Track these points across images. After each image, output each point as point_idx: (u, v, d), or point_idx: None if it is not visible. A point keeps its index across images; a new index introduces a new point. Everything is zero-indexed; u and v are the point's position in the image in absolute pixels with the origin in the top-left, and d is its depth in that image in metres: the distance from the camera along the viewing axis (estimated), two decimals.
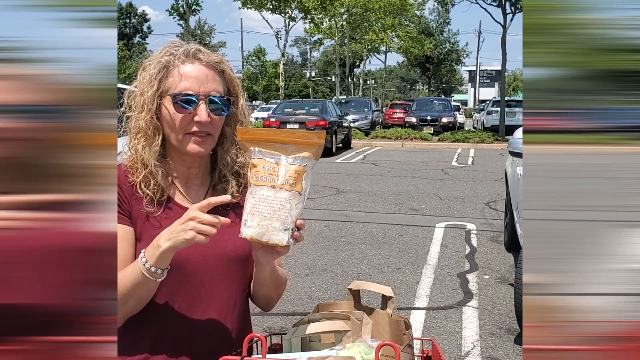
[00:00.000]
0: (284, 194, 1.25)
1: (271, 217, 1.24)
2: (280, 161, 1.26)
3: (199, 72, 1.42)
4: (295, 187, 1.25)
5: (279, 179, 1.25)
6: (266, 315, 4.43)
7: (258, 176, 1.26)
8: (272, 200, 1.24)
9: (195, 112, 1.41)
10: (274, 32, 33.70)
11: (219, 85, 1.44)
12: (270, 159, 1.26)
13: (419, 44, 44.44)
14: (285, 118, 17.24)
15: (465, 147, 19.82)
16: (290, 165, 1.26)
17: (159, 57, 1.44)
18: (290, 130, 1.30)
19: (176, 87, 1.41)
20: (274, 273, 1.52)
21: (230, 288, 1.51)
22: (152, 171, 1.44)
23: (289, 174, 1.25)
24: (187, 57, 1.43)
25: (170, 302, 1.46)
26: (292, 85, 69.48)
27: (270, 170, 1.25)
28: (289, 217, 1.25)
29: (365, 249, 6.52)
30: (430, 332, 4.27)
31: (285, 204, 1.25)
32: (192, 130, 1.42)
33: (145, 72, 1.44)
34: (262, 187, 1.25)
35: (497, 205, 8.98)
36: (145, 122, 1.43)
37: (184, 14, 32.28)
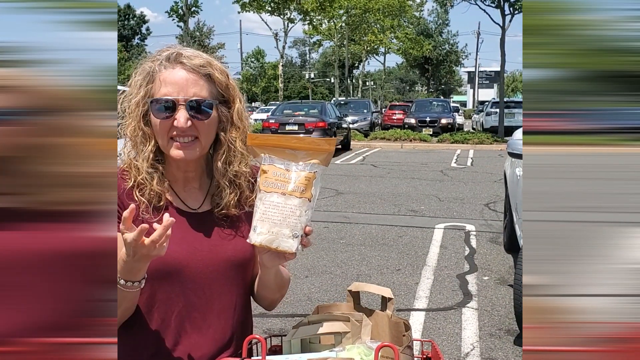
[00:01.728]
0: (294, 201, 1.25)
1: (281, 223, 1.25)
2: (290, 167, 1.26)
3: (179, 77, 1.40)
4: (305, 194, 1.25)
5: (290, 185, 1.25)
6: (266, 317, 4.42)
7: (268, 182, 1.26)
8: (282, 207, 1.25)
9: (174, 117, 1.39)
10: (272, 33, 33.70)
11: (202, 90, 1.41)
12: (281, 165, 1.26)
13: (418, 45, 44.47)
14: (285, 119, 17.25)
15: (465, 148, 19.82)
16: (300, 171, 1.26)
17: (144, 64, 1.44)
18: (300, 136, 1.30)
19: (157, 93, 1.40)
20: (278, 275, 1.52)
21: (230, 292, 1.50)
22: (144, 177, 1.43)
23: (300, 180, 1.25)
24: (168, 62, 1.41)
25: (170, 307, 1.45)
26: (291, 87, 69.49)
27: (280, 176, 1.25)
28: (298, 223, 1.25)
29: (364, 250, 6.52)
30: (429, 333, 4.26)
31: (295, 211, 1.25)
32: (173, 134, 1.41)
33: (133, 79, 1.44)
34: (272, 193, 1.25)
35: (496, 207, 8.98)
36: (132, 129, 1.43)
37: (183, 15, 32.27)
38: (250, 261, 1.53)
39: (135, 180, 1.44)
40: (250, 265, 1.54)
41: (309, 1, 29.67)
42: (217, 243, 1.49)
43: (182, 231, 1.46)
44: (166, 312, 1.45)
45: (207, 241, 1.48)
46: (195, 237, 1.48)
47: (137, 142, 1.44)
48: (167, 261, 1.42)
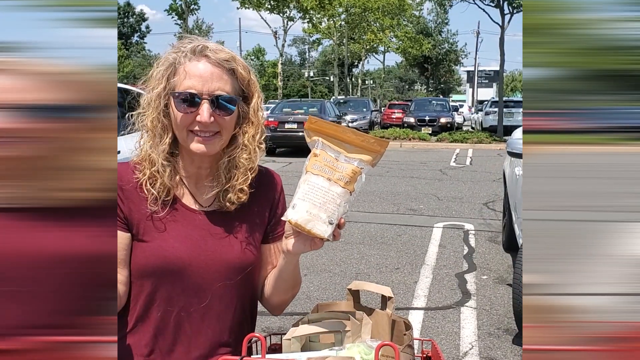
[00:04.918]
0: (337, 189, 1.26)
1: (320, 207, 1.26)
2: (340, 157, 1.28)
3: (204, 70, 1.37)
4: (349, 186, 1.28)
5: (336, 173, 1.27)
6: (265, 315, 4.42)
7: (317, 166, 1.27)
8: (325, 192, 1.26)
9: (197, 111, 1.37)
10: (272, 31, 33.69)
11: (226, 84, 1.39)
12: (332, 154, 1.28)
13: (417, 44, 44.41)
14: (284, 118, 17.23)
15: (464, 147, 19.82)
16: (348, 163, 1.28)
17: (168, 55, 1.41)
18: (356, 131, 1.31)
19: (180, 85, 1.38)
20: (297, 268, 1.49)
21: (230, 295, 1.48)
22: (158, 170, 1.41)
23: (346, 171, 1.27)
24: (193, 54, 1.39)
25: (170, 306, 1.44)
26: (291, 85, 69.45)
27: (330, 163, 1.27)
28: (336, 212, 1.27)
29: (363, 249, 6.52)
30: (428, 332, 4.27)
31: (336, 199, 1.26)
32: (194, 129, 1.39)
33: (156, 70, 1.42)
34: (319, 176, 1.27)
35: (495, 206, 8.99)
36: (151, 121, 1.41)
37: (182, 13, 32.23)
38: (255, 265, 1.52)
39: (149, 171, 1.42)
40: (254, 270, 1.53)
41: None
42: (222, 244, 1.47)
43: (188, 229, 1.45)
44: (165, 310, 1.44)
45: (212, 241, 1.46)
46: (201, 236, 1.46)
47: (155, 133, 1.42)
48: (171, 260, 1.41)
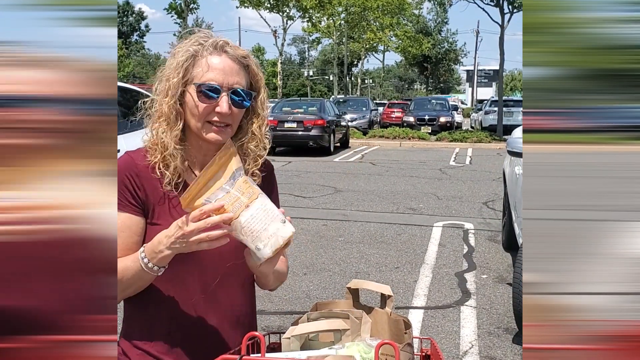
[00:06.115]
0: (257, 204, 1.33)
1: (268, 225, 1.33)
2: (226, 189, 1.33)
3: (225, 64, 1.47)
4: (255, 192, 1.34)
5: (243, 198, 1.33)
6: (264, 314, 4.43)
7: (233, 210, 1.32)
8: (257, 215, 1.33)
9: (217, 102, 1.45)
10: (271, 30, 33.68)
11: (242, 79, 1.49)
12: (221, 194, 1.33)
13: (417, 44, 44.39)
14: (284, 117, 17.22)
15: (463, 146, 19.82)
16: (235, 184, 1.34)
17: (188, 46, 1.48)
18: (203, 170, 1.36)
19: (202, 77, 1.46)
20: (276, 272, 1.57)
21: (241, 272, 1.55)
22: (172, 153, 1.48)
23: (242, 189, 1.34)
24: (215, 49, 1.47)
25: (187, 288, 1.52)
26: (290, 84, 69.46)
27: (232, 200, 1.32)
28: (275, 212, 1.34)
29: (363, 248, 6.52)
30: (428, 331, 4.27)
31: (265, 208, 1.34)
32: (212, 119, 1.47)
33: (174, 59, 1.48)
34: (241, 215, 1.32)
35: (494, 205, 8.99)
36: (168, 107, 1.47)
37: (181, 12, 32.22)
38: None
39: (161, 155, 1.49)
40: None
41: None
42: None
43: None
44: (182, 292, 1.52)
45: None
46: None
47: (170, 120, 1.49)
48: None
